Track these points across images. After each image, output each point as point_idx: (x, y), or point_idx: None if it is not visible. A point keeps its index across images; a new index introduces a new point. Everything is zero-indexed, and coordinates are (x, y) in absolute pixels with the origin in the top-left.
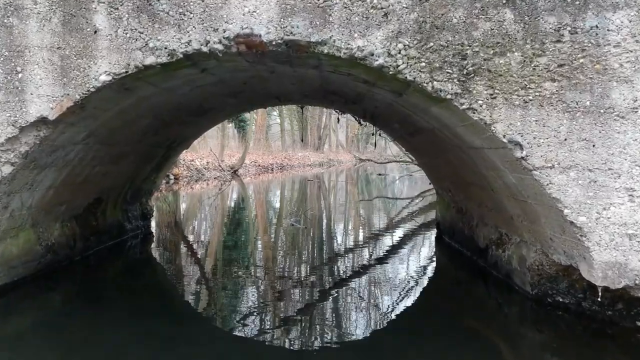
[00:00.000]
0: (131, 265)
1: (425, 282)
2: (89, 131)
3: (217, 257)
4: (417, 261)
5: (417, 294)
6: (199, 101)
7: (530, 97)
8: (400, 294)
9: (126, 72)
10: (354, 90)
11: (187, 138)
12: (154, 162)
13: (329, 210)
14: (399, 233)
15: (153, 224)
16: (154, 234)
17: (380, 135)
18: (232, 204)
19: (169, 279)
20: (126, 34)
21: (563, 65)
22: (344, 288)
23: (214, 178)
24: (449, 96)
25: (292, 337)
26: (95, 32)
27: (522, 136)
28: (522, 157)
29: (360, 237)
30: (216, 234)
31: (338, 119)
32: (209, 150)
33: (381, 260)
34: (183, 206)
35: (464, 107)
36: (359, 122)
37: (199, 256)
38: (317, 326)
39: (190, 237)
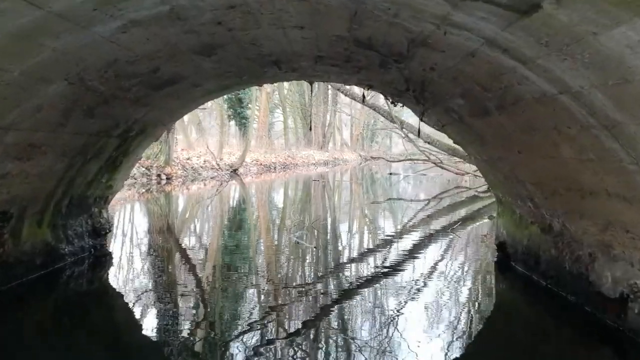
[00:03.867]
0: (58, 310)
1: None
2: None
3: (199, 287)
4: (478, 303)
5: None
6: (152, 61)
7: None
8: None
9: None
10: (407, 32)
11: (150, 124)
12: (103, 158)
13: (338, 216)
14: (431, 250)
15: (145, 229)
16: (114, 254)
17: (419, 118)
18: (229, 208)
19: (118, 330)
20: None
21: None
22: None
23: (211, 178)
24: None
25: None
26: None
27: None
28: None
29: (383, 256)
30: (204, 249)
31: (363, 98)
32: (206, 148)
33: (421, 295)
34: (173, 210)
35: None
36: (393, 103)
37: (172, 288)
38: None
39: (169, 256)
